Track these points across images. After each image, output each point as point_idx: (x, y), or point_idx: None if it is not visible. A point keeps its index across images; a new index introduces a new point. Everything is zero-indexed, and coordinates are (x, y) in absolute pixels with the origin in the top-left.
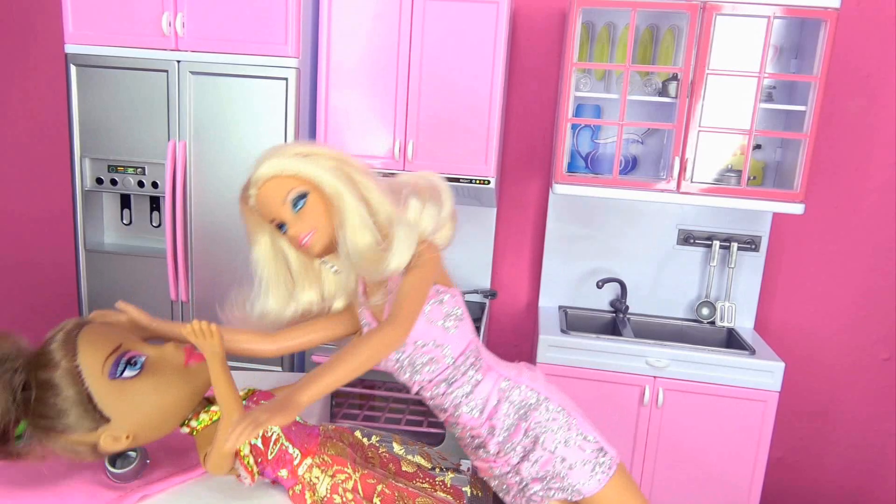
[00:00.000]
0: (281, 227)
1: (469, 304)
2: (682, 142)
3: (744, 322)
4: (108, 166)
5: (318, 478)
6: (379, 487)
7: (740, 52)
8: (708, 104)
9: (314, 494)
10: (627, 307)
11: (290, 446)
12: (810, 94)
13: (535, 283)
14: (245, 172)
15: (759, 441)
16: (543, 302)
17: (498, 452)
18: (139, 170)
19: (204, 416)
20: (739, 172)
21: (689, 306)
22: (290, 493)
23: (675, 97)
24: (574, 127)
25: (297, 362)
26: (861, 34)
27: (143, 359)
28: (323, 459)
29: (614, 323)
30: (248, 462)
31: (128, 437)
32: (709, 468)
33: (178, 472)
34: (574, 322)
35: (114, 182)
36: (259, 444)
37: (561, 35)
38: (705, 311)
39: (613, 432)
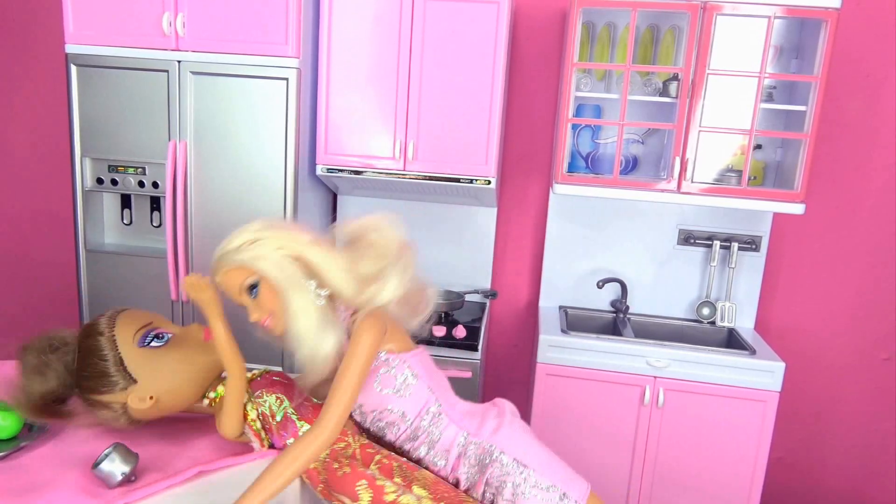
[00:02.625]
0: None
1: (469, 304)
2: (682, 142)
3: (744, 322)
4: (109, 166)
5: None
6: (377, 457)
7: (740, 52)
8: (708, 104)
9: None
10: (628, 307)
11: (297, 418)
12: (810, 94)
13: (535, 283)
14: (245, 172)
15: (759, 441)
16: (544, 302)
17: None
18: (139, 170)
19: (220, 388)
20: (740, 172)
21: (689, 306)
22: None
23: (676, 97)
24: (574, 127)
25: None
26: (861, 34)
27: (169, 335)
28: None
29: (614, 323)
30: (256, 427)
31: (151, 399)
32: (709, 468)
33: (161, 479)
34: (574, 322)
35: (114, 182)
36: (266, 411)
37: (561, 35)
38: (706, 311)
39: (613, 432)
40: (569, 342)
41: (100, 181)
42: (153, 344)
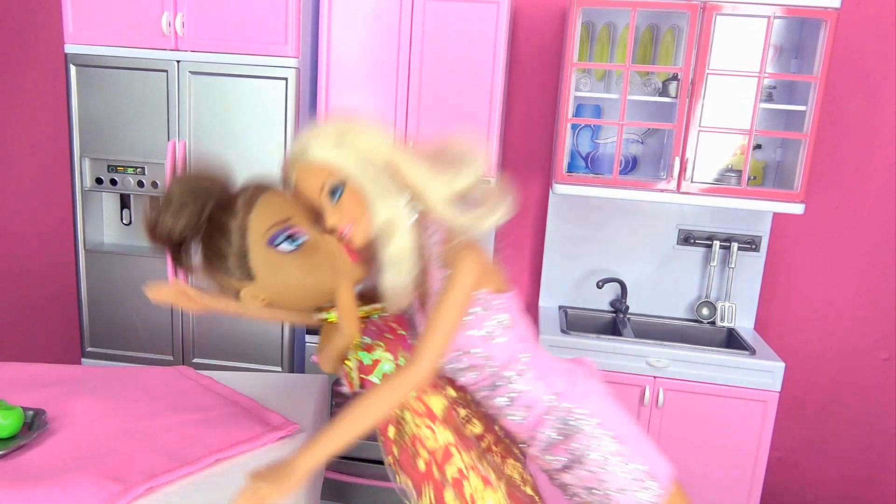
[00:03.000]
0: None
1: None
2: (682, 142)
3: (744, 322)
4: (108, 166)
5: (405, 417)
6: (459, 465)
7: (740, 52)
8: (708, 104)
9: (397, 429)
10: (627, 307)
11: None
12: (810, 94)
13: (535, 283)
14: (245, 172)
15: (759, 441)
16: (543, 302)
17: (537, 457)
18: (139, 170)
19: (326, 315)
20: (739, 172)
21: (689, 306)
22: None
23: (675, 97)
24: (574, 127)
25: (298, 363)
26: (861, 34)
27: (303, 238)
28: (423, 400)
29: (614, 323)
30: (351, 374)
31: (264, 300)
32: (709, 468)
33: (183, 465)
34: (574, 322)
35: (114, 182)
36: (365, 360)
37: (561, 35)
38: (705, 311)
39: None
40: (568, 342)
41: (99, 181)
42: (283, 247)
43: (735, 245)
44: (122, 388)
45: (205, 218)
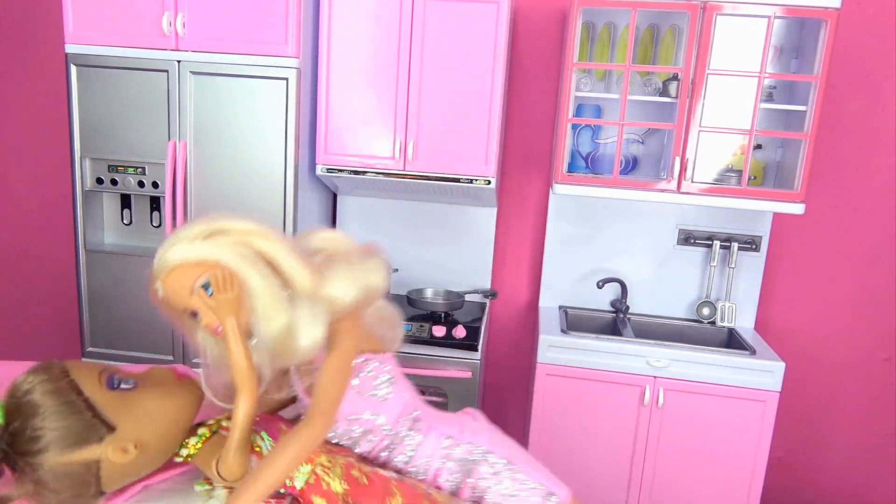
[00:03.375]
0: (195, 315)
1: (469, 304)
2: (682, 142)
3: (744, 322)
4: (109, 166)
5: (330, 461)
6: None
7: (740, 52)
8: (708, 104)
9: (329, 485)
10: (628, 307)
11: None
12: (810, 94)
13: (535, 283)
14: (245, 172)
15: (759, 441)
16: (543, 302)
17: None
18: (139, 170)
19: (193, 440)
20: (740, 172)
21: (689, 306)
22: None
23: (676, 97)
24: (574, 127)
25: None
26: (861, 34)
27: (133, 380)
28: (329, 458)
29: (614, 323)
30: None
31: (136, 447)
32: (709, 468)
33: (180, 465)
34: (574, 322)
35: (114, 182)
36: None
37: (561, 35)
38: (706, 311)
39: (613, 433)
40: (569, 342)
41: (100, 181)
42: (123, 387)
43: (735, 245)
44: None
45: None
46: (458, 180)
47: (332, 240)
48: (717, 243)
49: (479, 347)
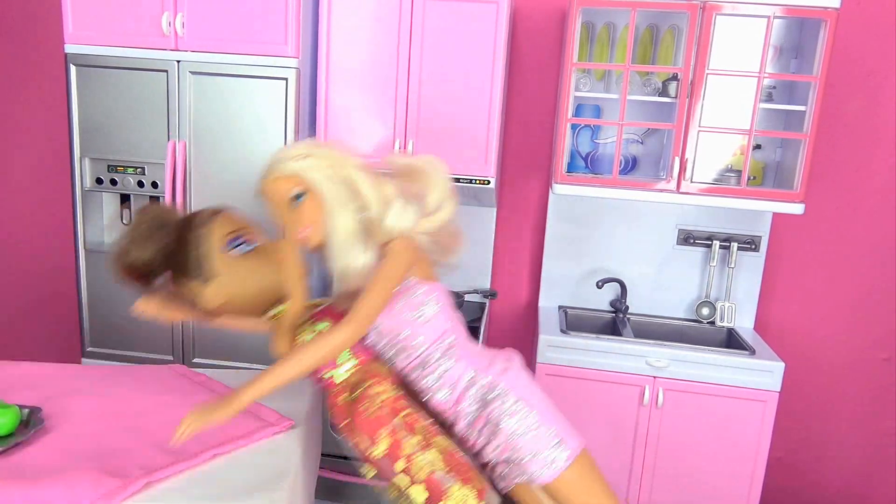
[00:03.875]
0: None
1: (469, 304)
2: (681, 142)
3: (744, 322)
4: (108, 166)
5: (356, 382)
6: (406, 411)
7: (740, 52)
8: (708, 104)
9: (350, 394)
10: (627, 307)
11: (347, 351)
12: (810, 94)
13: (535, 283)
14: (245, 172)
15: (759, 441)
16: (543, 302)
17: (463, 438)
18: (139, 170)
19: (275, 309)
20: (739, 172)
21: (689, 306)
22: (328, 377)
23: (675, 97)
24: (574, 127)
25: None
26: (861, 34)
27: (254, 245)
28: (369, 368)
29: (614, 323)
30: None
31: (224, 299)
32: (709, 468)
33: (181, 460)
34: (574, 322)
35: (114, 182)
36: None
37: (561, 35)
38: (705, 311)
39: (613, 432)
40: (568, 342)
41: (99, 181)
42: (238, 249)
43: (735, 245)
44: (118, 387)
45: (169, 244)
46: (457, 180)
47: (422, 168)
48: (716, 243)
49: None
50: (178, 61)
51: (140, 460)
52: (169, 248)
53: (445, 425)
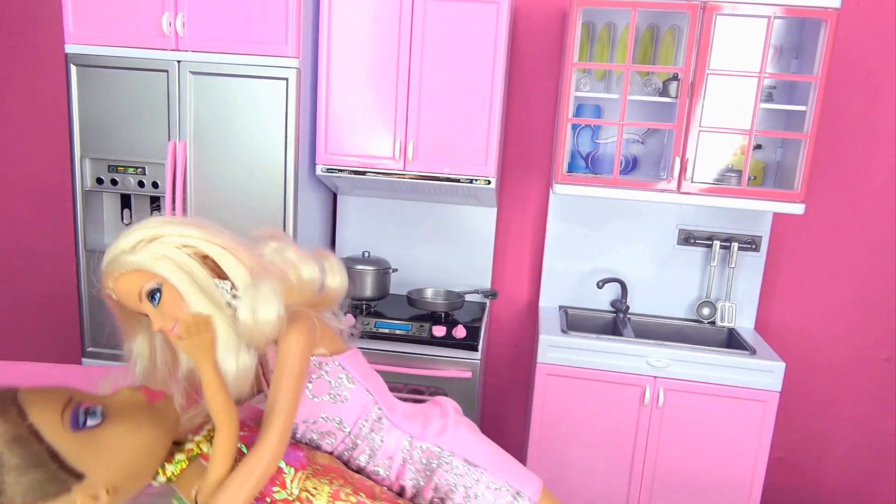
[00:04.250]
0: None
1: (469, 304)
2: (682, 142)
3: (744, 322)
4: (109, 166)
5: (315, 487)
6: (377, 489)
7: (740, 52)
8: (708, 104)
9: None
10: (628, 307)
11: (283, 463)
12: (810, 94)
13: (535, 283)
14: (245, 172)
15: (759, 441)
16: (543, 302)
17: None
18: (139, 170)
19: (180, 457)
20: (740, 172)
21: (689, 306)
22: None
23: (676, 97)
24: (574, 127)
25: None
26: (861, 34)
27: (100, 408)
28: (315, 469)
29: (614, 323)
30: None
31: (108, 492)
32: (709, 468)
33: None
34: (574, 322)
35: (114, 182)
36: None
37: (561, 35)
38: (706, 311)
39: (614, 433)
40: (569, 342)
41: (100, 181)
42: (89, 424)
43: (735, 245)
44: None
45: None
46: (457, 180)
47: (280, 251)
48: (717, 243)
49: (480, 347)
50: (179, 61)
51: None
52: None
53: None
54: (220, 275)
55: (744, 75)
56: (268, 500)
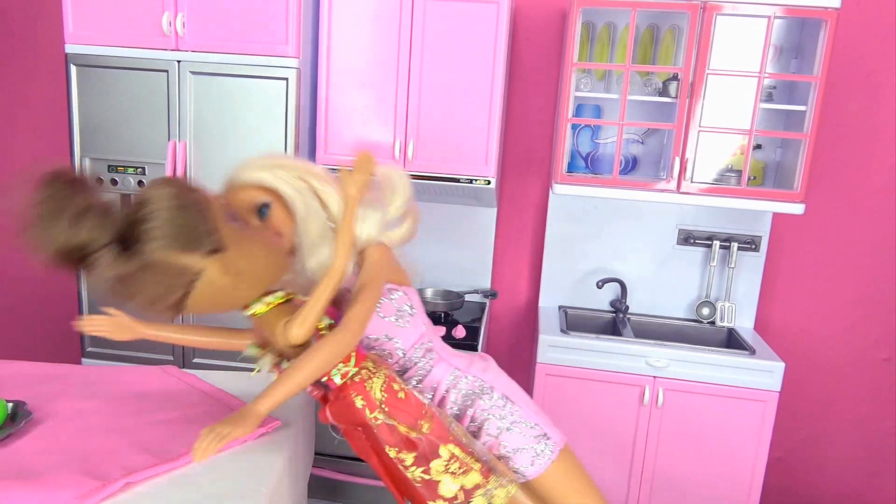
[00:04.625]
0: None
1: (469, 304)
2: (682, 142)
3: (744, 322)
4: (109, 166)
5: (374, 368)
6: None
7: (740, 52)
8: (708, 104)
9: (371, 389)
10: (627, 307)
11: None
12: (810, 94)
13: (535, 283)
14: None
15: (759, 441)
16: (543, 302)
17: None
18: (139, 170)
19: (269, 297)
20: (739, 172)
21: (689, 306)
22: (348, 380)
23: (675, 97)
24: (574, 127)
25: None
26: (861, 34)
27: (266, 211)
28: (374, 364)
29: (614, 323)
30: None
31: (231, 274)
32: (708, 468)
33: (162, 462)
34: (574, 322)
35: (114, 182)
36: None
37: (561, 35)
38: (705, 311)
39: (613, 432)
40: (568, 342)
41: (100, 181)
42: (236, 223)
43: (735, 245)
44: (106, 386)
45: (122, 216)
46: (457, 180)
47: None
48: (716, 243)
49: (479, 347)
50: (179, 61)
51: (122, 461)
52: (118, 223)
53: None
54: (322, 206)
55: (744, 75)
56: (332, 371)
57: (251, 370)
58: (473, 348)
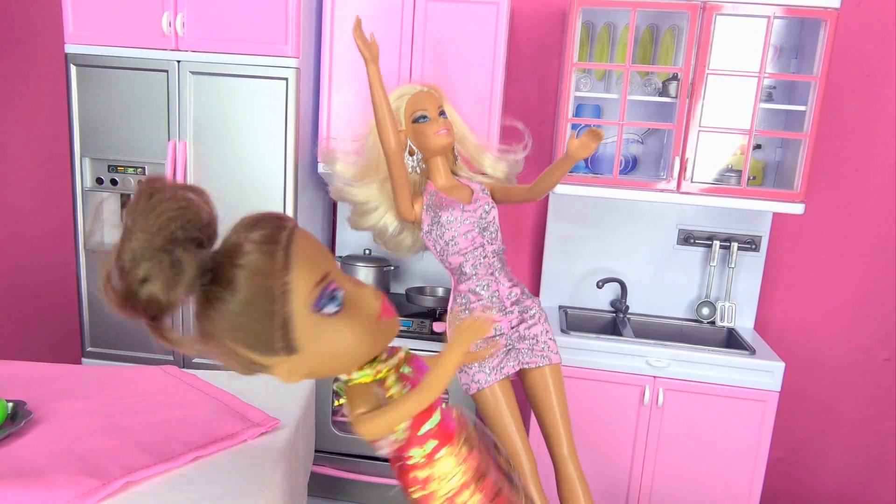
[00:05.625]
0: (420, 119)
1: None
2: (682, 142)
3: (744, 322)
4: (109, 166)
5: (449, 471)
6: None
7: (740, 52)
8: (708, 104)
9: (441, 484)
10: (627, 307)
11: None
12: (810, 94)
13: (535, 283)
14: (245, 172)
15: (759, 441)
16: (543, 302)
17: (507, 307)
18: (139, 170)
19: (367, 371)
20: (739, 172)
21: (689, 306)
22: (412, 475)
23: (675, 97)
24: (574, 127)
25: None
26: (861, 34)
27: (342, 294)
28: (460, 450)
29: (614, 323)
30: (399, 434)
31: (302, 375)
32: (709, 468)
33: (161, 462)
34: (574, 322)
35: (114, 182)
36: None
37: (561, 35)
38: (705, 310)
39: (613, 432)
40: (568, 342)
41: (99, 181)
42: (328, 309)
43: (735, 245)
44: (106, 387)
45: (207, 272)
46: None
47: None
48: (716, 243)
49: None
50: (179, 61)
51: (122, 461)
52: (216, 290)
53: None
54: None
55: (743, 75)
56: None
57: None
58: None
